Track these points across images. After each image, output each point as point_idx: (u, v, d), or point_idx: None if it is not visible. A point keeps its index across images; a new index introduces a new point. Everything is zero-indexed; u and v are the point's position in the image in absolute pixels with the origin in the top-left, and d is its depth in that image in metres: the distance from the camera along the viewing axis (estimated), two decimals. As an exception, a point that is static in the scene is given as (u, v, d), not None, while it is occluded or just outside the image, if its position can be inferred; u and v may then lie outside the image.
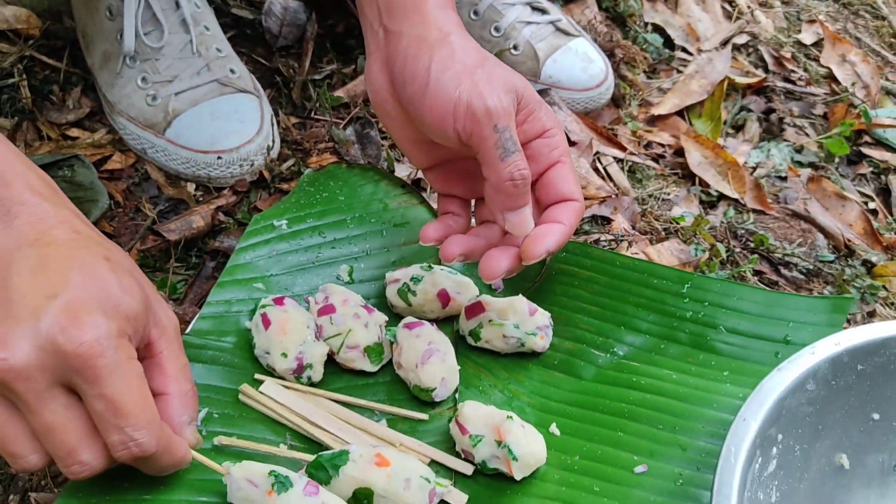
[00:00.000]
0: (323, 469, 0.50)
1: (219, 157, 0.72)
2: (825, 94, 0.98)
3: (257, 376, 0.57)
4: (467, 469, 0.54)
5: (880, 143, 0.94)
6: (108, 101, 0.77)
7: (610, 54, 0.93)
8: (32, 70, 0.82)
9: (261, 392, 0.56)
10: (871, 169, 0.90)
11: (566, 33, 0.88)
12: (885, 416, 0.53)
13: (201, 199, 0.73)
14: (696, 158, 0.85)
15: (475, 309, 0.61)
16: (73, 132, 0.78)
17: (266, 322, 0.58)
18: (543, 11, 0.89)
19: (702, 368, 0.57)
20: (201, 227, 0.69)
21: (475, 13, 0.87)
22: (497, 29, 0.86)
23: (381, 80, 0.55)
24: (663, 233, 0.76)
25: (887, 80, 1.03)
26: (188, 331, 0.59)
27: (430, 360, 0.56)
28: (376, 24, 0.55)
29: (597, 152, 0.83)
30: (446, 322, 0.63)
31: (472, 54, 0.53)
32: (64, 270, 0.43)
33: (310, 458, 0.51)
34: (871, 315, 0.72)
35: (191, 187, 0.74)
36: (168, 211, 0.72)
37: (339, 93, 0.83)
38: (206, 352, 0.59)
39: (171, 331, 0.48)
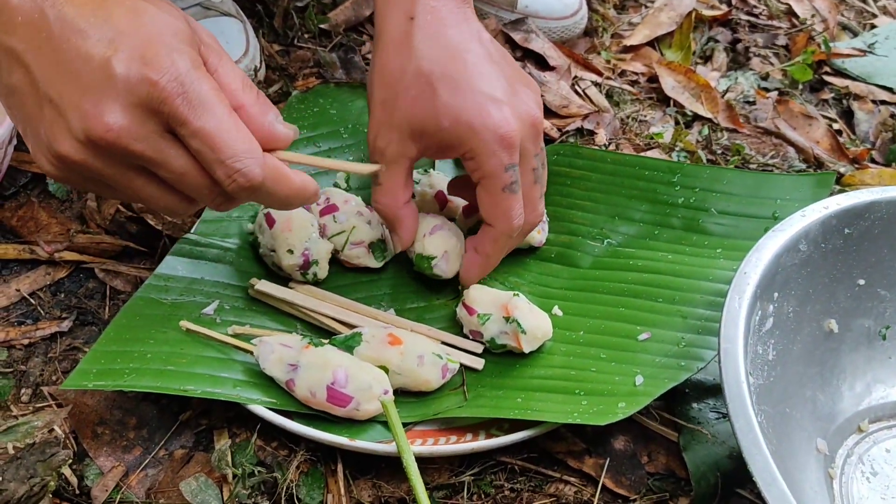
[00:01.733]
0: (338, 348, 0.51)
1: (208, 77, 0.73)
2: (786, 27, 1.01)
3: (252, 281, 0.58)
4: (477, 347, 0.56)
5: (839, 73, 0.98)
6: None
7: (582, -11, 0.95)
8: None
9: (259, 291, 0.57)
10: (832, 95, 0.94)
11: (540, -34, 0.90)
12: (870, 282, 0.56)
13: (191, 120, 0.73)
14: (669, 83, 0.88)
15: (473, 208, 0.62)
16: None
17: (270, 221, 0.59)
18: (517, -55, 0.90)
19: (695, 248, 0.60)
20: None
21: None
22: (474, -40, 0.88)
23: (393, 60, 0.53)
24: (644, 147, 0.78)
25: (843, 16, 1.07)
26: (192, 230, 0.60)
27: (437, 232, 0.58)
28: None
29: (575, 76, 0.85)
30: (444, 223, 0.65)
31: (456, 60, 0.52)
32: (108, 20, 0.41)
33: (323, 342, 0.52)
34: (843, 217, 0.76)
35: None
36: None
37: (321, 24, 0.84)
38: (212, 250, 0.59)
39: (215, 44, 0.46)
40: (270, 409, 0.49)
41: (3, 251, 0.61)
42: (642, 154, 0.76)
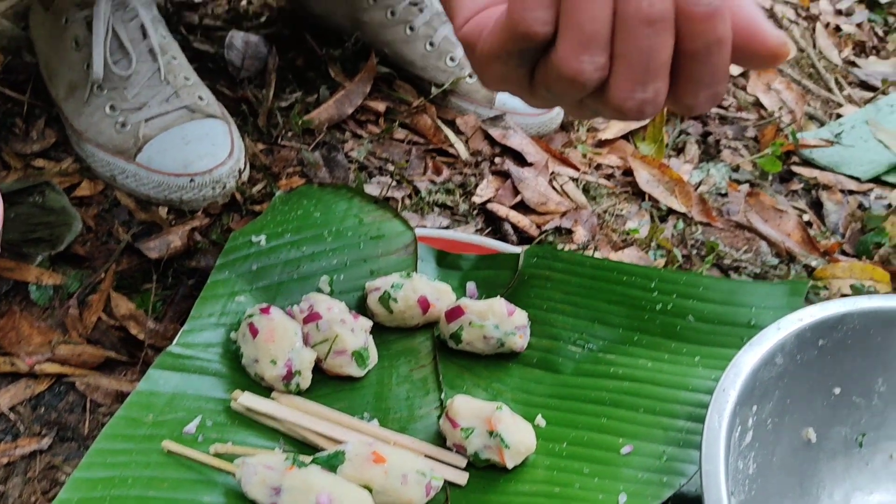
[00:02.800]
0: (323, 466, 0.51)
1: (191, 180, 0.74)
2: (755, 119, 1.05)
3: (235, 394, 0.57)
4: (461, 461, 0.56)
5: (808, 163, 1.01)
6: (75, 129, 0.77)
7: (557, 84, 0.98)
8: (-7, 103, 0.82)
9: (241, 403, 0.57)
10: (801, 185, 0.97)
11: (517, 63, 0.93)
12: (846, 391, 0.57)
13: (174, 222, 0.74)
14: (644, 177, 0.90)
15: (455, 312, 0.63)
16: (39, 163, 0.78)
17: (254, 331, 0.59)
18: (494, 43, 0.93)
19: (674, 356, 0.61)
20: (178, 247, 0.70)
21: (431, 44, 0.91)
22: (452, 59, 0.90)
23: None
24: (621, 243, 0.80)
25: (809, 105, 1.11)
26: (174, 342, 0.60)
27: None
28: None
29: (552, 172, 0.87)
30: (426, 328, 0.65)
31: None
32: None
33: (306, 459, 0.52)
34: (816, 312, 0.77)
35: (163, 211, 0.75)
36: (142, 234, 0.72)
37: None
38: (194, 362, 0.59)
39: None
40: (253, 533, 0.49)
41: (-17, 363, 0.60)
42: (620, 252, 0.77)
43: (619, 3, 0.35)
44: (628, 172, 0.91)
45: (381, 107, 0.89)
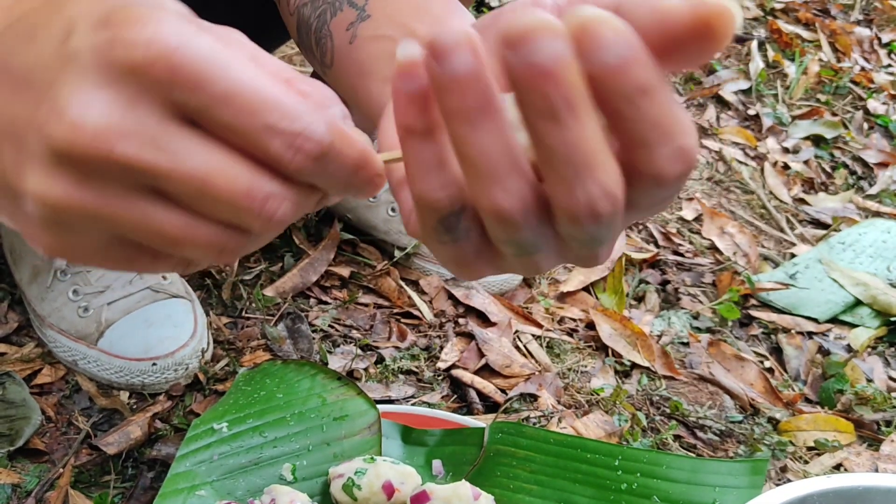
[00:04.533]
0: None
1: (153, 364, 0.74)
2: (711, 263, 1.08)
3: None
4: None
5: (766, 305, 1.04)
6: (38, 314, 0.78)
7: (517, 239, 1.01)
8: (-44, 287, 0.82)
9: None
10: (761, 330, 0.99)
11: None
12: (814, 571, 0.56)
13: (135, 406, 0.73)
14: (606, 331, 0.91)
15: (420, 498, 0.62)
16: (1, 347, 0.78)
17: (215, 531, 0.58)
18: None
19: (643, 539, 0.60)
20: (139, 437, 0.69)
21: (392, 210, 0.93)
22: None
23: None
24: (586, 405, 0.80)
25: (763, 246, 1.14)
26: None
27: None
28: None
29: (516, 331, 0.88)
30: (392, 514, 0.64)
31: None
32: (58, 14, 0.30)
33: None
34: (784, 470, 0.78)
35: (124, 396, 0.74)
36: (102, 422, 0.72)
37: (268, 291, 0.86)
38: (153, 568, 0.58)
39: (239, 36, 0.32)
40: None
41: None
42: (585, 416, 0.77)
43: (521, 104, 0.28)
44: (591, 325, 0.93)
45: (345, 272, 0.91)
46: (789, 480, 0.77)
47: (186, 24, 0.28)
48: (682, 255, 1.08)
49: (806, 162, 1.34)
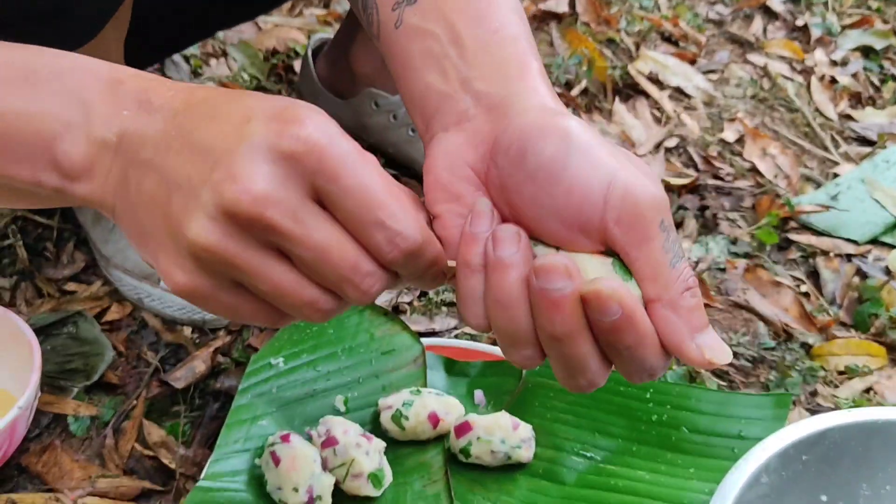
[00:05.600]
0: None
1: (213, 302, 0.78)
2: (751, 186, 1.08)
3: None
4: (473, 582, 0.60)
5: (806, 228, 1.04)
6: (103, 255, 0.83)
7: (557, 168, 1.03)
8: (26, 230, 0.87)
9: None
10: (799, 253, 1.00)
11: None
12: (832, 497, 0.60)
13: (198, 341, 0.79)
14: (643, 259, 0.94)
15: (463, 428, 0.67)
16: (71, 286, 0.83)
17: (276, 460, 0.64)
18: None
19: (670, 467, 0.64)
20: (203, 371, 0.75)
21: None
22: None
23: (468, 154, 0.44)
24: (622, 334, 0.84)
25: (805, 167, 1.14)
26: (203, 476, 0.65)
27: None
28: (458, 93, 0.45)
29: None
30: (437, 441, 0.70)
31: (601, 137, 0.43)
32: (236, 102, 0.38)
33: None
34: (814, 395, 0.81)
35: (188, 331, 0.80)
36: (169, 356, 0.77)
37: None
38: (224, 493, 0.64)
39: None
40: None
41: (32, 500, 0.65)
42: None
43: (534, 315, 0.39)
44: (629, 254, 0.95)
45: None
46: (819, 405, 0.80)
47: (335, 128, 0.37)
48: (722, 178, 1.08)
49: (854, 75, 1.31)
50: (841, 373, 0.84)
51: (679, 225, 1.02)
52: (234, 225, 0.36)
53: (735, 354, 0.83)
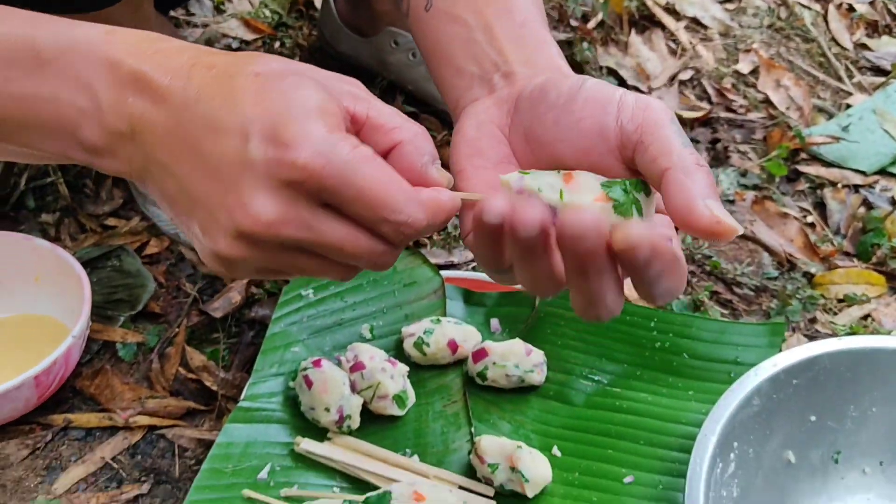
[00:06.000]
0: (372, 509, 0.62)
1: (245, 237, 0.84)
2: (763, 118, 1.10)
3: (297, 440, 0.68)
4: (489, 491, 0.66)
5: (816, 159, 1.07)
6: (139, 192, 0.88)
7: (572, 102, 1.05)
8: (66, 167, 0.92)
9: (303, 448, 0.68)
10: (808, 185, 1.03)
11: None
12: (820, 417, 0.65)
13: (232, 273, 0.84)
14: (654, 192, 0.97)
15: (480, 354, 0.73)
16: (111, 221, 0.89)
17: (308, 383, 0.70)
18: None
19: (671, 390, 0.70)
20: (238, 302, 0.80)
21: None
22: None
23: (493, 112, 0.49)
24: (632, 265, 0.88)
25: (819, 97, 1.16)
26: (242, 397, 0.71)
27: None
28: (489, 74, 0.51)
29: (568, 196, 0.95)
30: (456, 365, 0.75)
31: None
32: (235, 110, 0.41)
33: (358, 498, 0.63)
34: (813, 321, 0.85)
35: (222, 264, 0.85)
36: (206, 287, 0.83)
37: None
38: (261, 412, 0.70)
39: (357, 90, 0.45)
40: (320, 567, 0.60)
41: (87, 419, 0.72)
42: (628, 280, 0.85)
43: (563, 255, 0.41)
44: (640, 186, 0.98)
45: (408, 142, 0.98)
46: (818, 331, 0.84)
47: (328, 140, 0.40)
48: (734, 111, 1.11)
49: (871, 3, 1.31)
50: (840, 301, 0.88)
51: (691, 157, 1.04)
52: (254, 243, 0.41)
53: (738, 284, 0.88)
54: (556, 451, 0.68)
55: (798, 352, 0.63)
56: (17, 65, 0.44)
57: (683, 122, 1.07)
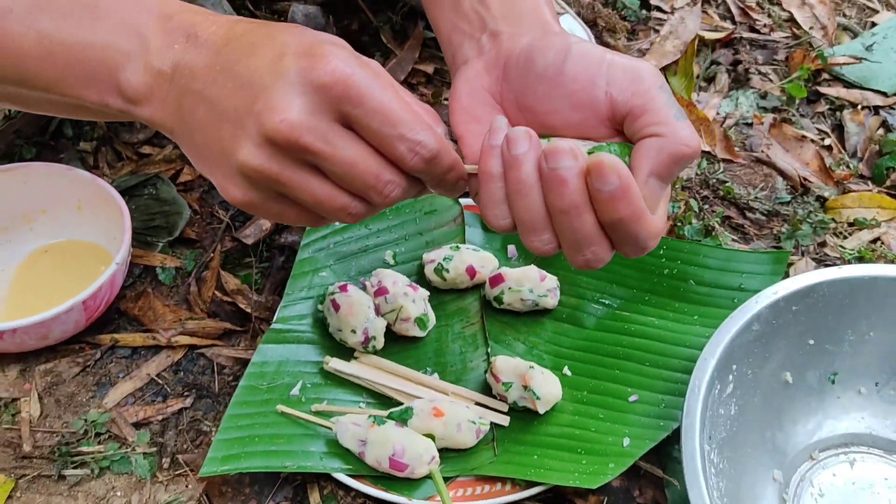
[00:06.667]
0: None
1: (273, 165, 0.87)
2: (786, 38, 1.10)
3: (326, 359, 0.73)
4: (503, 407, 0.71)
5: (837, 79, 1.07)
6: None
7: (593, 24, 1.06)
8: (100, 97, 0.95)
9: (331, 367, 0.73)
10: (827, 106, 1.04)
11: (553, 13, 1.00)
12: (818, 341, 0.69)
13: (262, 200, 0.88)
14: (673, 116, 0.98)
15: (497, 279, 0.77)
16: (146, 150, 0.93)
17: (336, 306, 0.74)
18: (531, -5, 1.01)
19: (677, 314, 0.73)
20: (269, 228, 0.85)
21: (472, 5, 0.99)
22: (492, 18, 0.99)
23: (484, 80, 0.52)
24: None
25: (844, 16, 1.15)
26: (275, 320, 0.76)
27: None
28: (477, 32, 0.53)
29: (587, 121, 0.97)
30: (474, 289, 0.79)
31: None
32: (271, 39, 0.44)
33: (383, 413, 0.69)
34: (822, 245, 0.88)
35: (252, 191, 0.89)
36: (238, 214, 0.87)
37: (363, 91, 0.97)
38: (292, 333, 0.75)
39: (378, 66, 0.47)
40: (348, 475, 0.66)
41: (133, 339, 0.78)
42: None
43: (545, 196, 0.45)
44: (659, 110, 1.00)
45: (429, 68, 0.99)
46: (826, 255, 0.87)
47: (356, 59, 0.43)
48: (757, 31, 1.10)
49: (908, -87, 1.27)
50: (851, 224, 0.90)
51: (711, 80, 1.05)
52: (275, 148, 0.43)
53: (751, 208, 0.90)
54: (566, 370, 0.73)
55: (797, 280, 0.67)
56: (73, 15, 0.48)
57: (705, 43, 1.07)
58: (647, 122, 0.45)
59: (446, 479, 0.66)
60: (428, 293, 0.77)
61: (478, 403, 0.72)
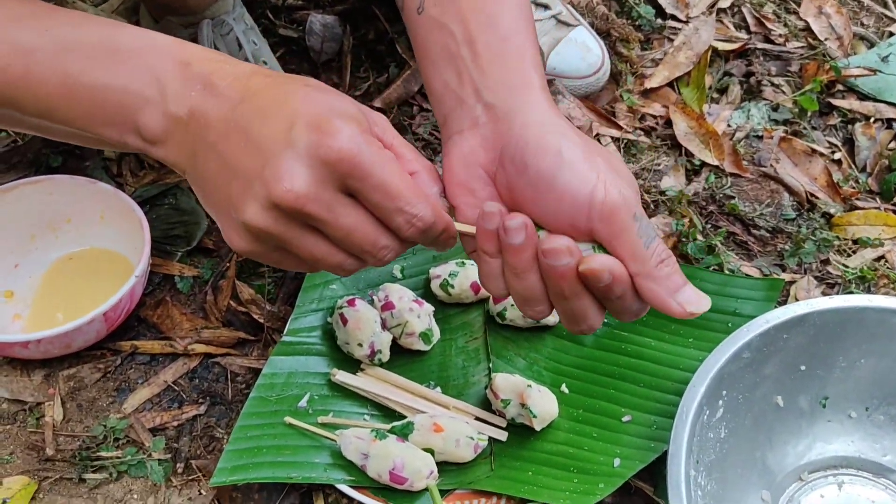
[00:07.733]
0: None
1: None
2: (801, 48, 1.10)
3: (333, 371, 0.76)
4: (502, 422, 0.74)
5: (851, 91, 1.07)
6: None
7: (606, 35, 1.07)
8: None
9: (338, 379, 0.76)
10: (840, 119, 1.04)
11: (566, 24, 1.02)
12: (810, 367, 0.71)
13: (277, 210, 0.91)
14: (682, 129, 1.00)
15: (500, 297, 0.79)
16: (166, 159, 0.96)
17: (344, 320, 0.77)
18: (546, 6, 1.02)
19: (674, 336, 0.76)
20: (282, 240, 0.88)
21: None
22: (505, 30, 1.00)
23: (480, 156, 0.53)
24: (652, 206, 0.92)
25: (862, 25, 1.14)
26: (285, 332, 0.79)
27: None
28: (471, 99, 0.54)
29: (596, 134, 0.98)
30: (479, 304, 0.82)
31: (593, 142, 0.52)
32: (285, 104, 0.47)
33: (385, 426, 0.72)
34: (825, 263, 0.89)
35: (267, 201, 0.92)
36: (253, 224, 0.90)
37: (377, 102, 0.99)
38: (302, 345, 0.78)
39: (384, 122, 0.52)
40: (351, 486, 0.69)
41: (152, 346, 0.82)
42: (652, 219, 0.90)
43: (545, 282, 0.50)
44: (670, 123, 1.01)
45: (443, 79, 1.01)
46: (829, 273, 0.88)
47: (362, 136, 0.46)
48: (772, 41, 1.10)
49: (933, -83, 1.26)
50: (855, 242, 0.91)
51: (723, 92, 1.06)
52: (280, 212, 0.46)
53: (756, 225, 0.91)
54: (564, 388, 0.75)
55: (788, 309, 0.68)
56: (96, 59, 0.51)
57: (718, 53, 1.08)
58: (620, 256, 0.49)
59: (444, 492, 0.69)
60: (433, 308, 0.80)
61: (477, 418, 0.75)
